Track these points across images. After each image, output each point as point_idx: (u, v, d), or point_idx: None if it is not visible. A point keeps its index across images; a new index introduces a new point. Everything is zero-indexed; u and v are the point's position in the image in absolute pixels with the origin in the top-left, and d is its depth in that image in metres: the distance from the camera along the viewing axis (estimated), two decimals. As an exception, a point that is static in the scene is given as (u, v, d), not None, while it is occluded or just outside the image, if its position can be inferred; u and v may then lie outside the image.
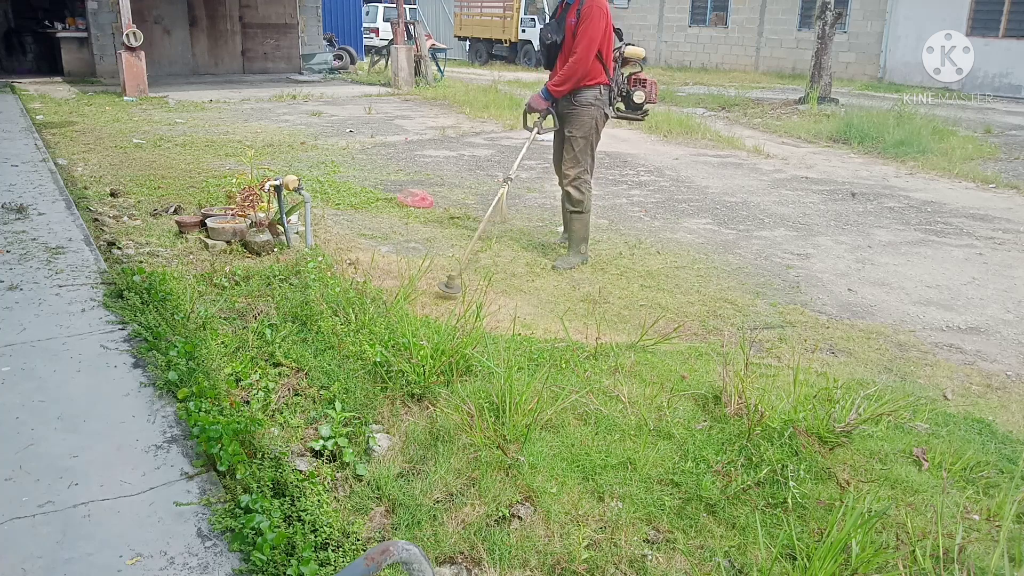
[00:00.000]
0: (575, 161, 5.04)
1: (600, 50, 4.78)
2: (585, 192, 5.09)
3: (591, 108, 4.90)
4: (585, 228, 5.18)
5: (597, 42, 4.73)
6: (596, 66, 4.83)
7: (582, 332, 3.77)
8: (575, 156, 5.02)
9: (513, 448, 2.69)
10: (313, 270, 4.37)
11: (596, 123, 4.96)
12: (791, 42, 21.46)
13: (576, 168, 5.04)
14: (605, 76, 4.89)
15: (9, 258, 4.65)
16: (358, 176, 7.76)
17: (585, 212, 5.13)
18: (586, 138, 4.98)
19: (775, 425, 2.83)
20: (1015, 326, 4.42)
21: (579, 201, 5.09)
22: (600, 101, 4.92)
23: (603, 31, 4.74)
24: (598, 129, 5.00)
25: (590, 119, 4.93)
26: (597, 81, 4.86)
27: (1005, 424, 3.24)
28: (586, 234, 5.21)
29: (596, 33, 4.71)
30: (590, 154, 5.06)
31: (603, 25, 4.73)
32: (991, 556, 2.26)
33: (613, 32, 4.90)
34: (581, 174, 5.05)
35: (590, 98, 4.89)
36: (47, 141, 8.84)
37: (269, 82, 16.93)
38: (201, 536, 2.29)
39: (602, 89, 4.91)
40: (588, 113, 4.92)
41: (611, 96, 4.98)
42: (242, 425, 2.69)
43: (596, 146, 5.09)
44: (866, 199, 7.57)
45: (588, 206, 5.14)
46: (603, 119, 5.00)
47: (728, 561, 2.30)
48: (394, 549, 1.52)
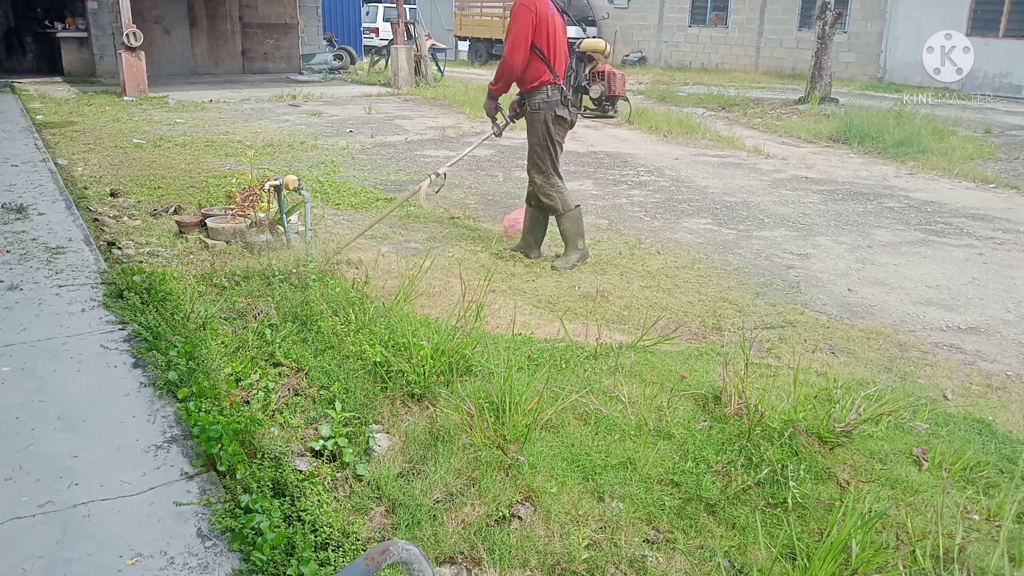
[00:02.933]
0: (536, 168, 4.98)
1: (541, 48, 4.69)
2: (554, 196, 4.99)
3: (540, 113, 4.83)
4: (575, 225, 5.08)
5: (522, 41, 4.64)
6: (537, 66, 4.74)
7: (582, 332, 3.77)
8: (535, 163, 4.97)
9: (513, 448, 2.69)
10: (313, 270, 4.37)
11: (548, 126, 4.85)
12: (791, 42, 21.45)
13: (539, 176, 4.98)
14: (550, 75, 4.77)
15: (9, 258, 4.65)
16: (358, 176, 7.76)
17: (566, 211, 5.04)
18: (541, 144, 4.90)
19: (775, 425, 2.83)
20: (1015, 326, 4.42)
21: (551, 207, 5.03)
22: (548, 104, 4.80)
23: (528, 29, 4.64)
24: (551, 132, 4.87)
25: (540, 124, 4.85)
26: (542, 81, 4.78)
27: (1005, 424, 3.24)
28: (578, 230, 5.11)
29: (519, 32, 4.64)
30: (549, 158, 4.94)
31: (528, 23, 4.63)
32: (991, 556, 2.26)
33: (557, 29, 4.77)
34: (544, 182, 4.97)
35: (538, 101, 4.81)
36: (47, 141, 8.84)
37: (269, 82, 16.93)
38: (201, 536, 2.29)
39: (549, 90, 4.79)
40: (538, 118, 4.85)
41: (563, 95, 4.82)
42: (242, 425, 2.69)
43: (557, 148, 4.96)
44: (866, 199, 7.57)
45: (567, 205, 5.04)
46: (555, 120, 4.85)
47: (728, 561, 2.30)
48: (394, 549, 1.52)
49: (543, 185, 5.00)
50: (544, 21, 4.69)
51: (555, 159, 4.97)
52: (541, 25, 4.68)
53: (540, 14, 4.67)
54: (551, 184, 4.99)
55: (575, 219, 5.09)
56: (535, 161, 4.97)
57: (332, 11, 21.92)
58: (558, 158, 5.01)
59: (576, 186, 7.80)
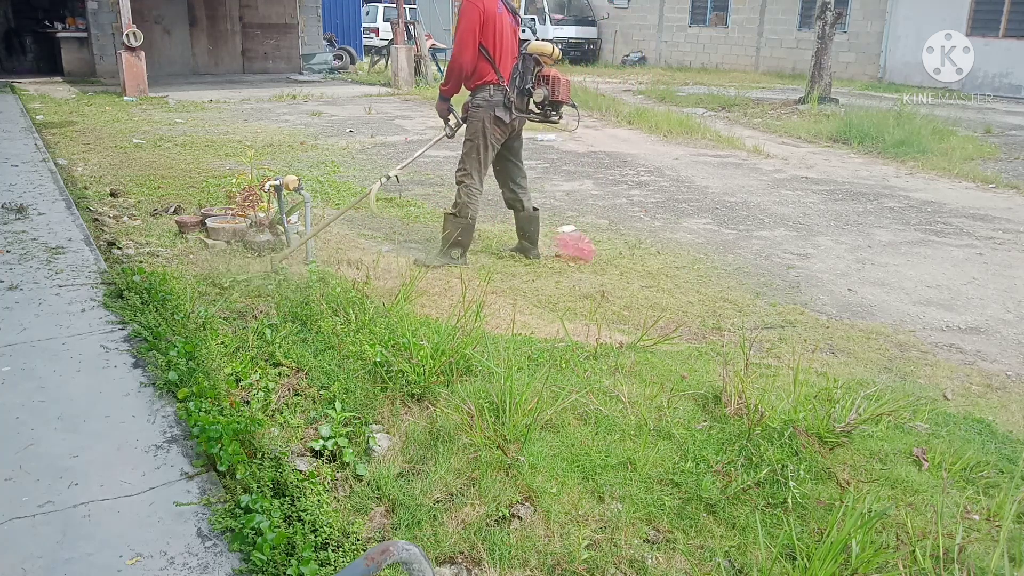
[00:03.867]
0: (461, 163, 4.89)
1: (487, 47, 4.61)
2: (463, 195, 4.87)
3: (479, 111, 4.73)
4: (461, 233, 4.90)
5: (469, 38, 4.57)
6: (482, 65, 4.65)
7: (582, 332, 3.77)
8: (462, 157, 4.88)
9: (513, 448, 2.69)
10: (314, 271, 4.38)
11: (484, 126, 4.73)
12: (791, 42, 21.45)
13: (461, 171, 4.89)
14: (494, 75, 4.67)
15: (9, 258, 4.65)
16: (358, 176, 7.76)
17: (462, 218, 4.88)
18: (472, 141, 4.79)
19: (775, 425, 2.83)
20: (1015, 326, 4.42)
21: (457, 204, 4.92)
22: (489, 103, 4.69)
23: (475, 27, 4.56)
24: (486, 133, 4.74)
25: (478, 121, 4.75)
26: (485, 81, 4.69)
27: (1005, 424, 3.24)
28: (458, 240, 4.91)
29: (466, 30, 4.56)
30: (477, 158, 4.82)
31: (474, 20, 4.55)
32: (991, 556, 2.26)
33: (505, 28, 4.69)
34: (464, 178, 4.86)
35: (479, 100, 4.72)
36: (47, 141, 8.84)
37: (269, 82, 16.93)
38: (201, 536, 2.29)
39: (492, 90, 4.69)
40: (476, 115, 4.75)
41: (506, 97, 4.69)
42: (242, 425, 2.69)
43: (488, 152, 4.82)
44: (866, 199, 7.57)
45: (466, 211, 4.88)
46: (494, 121, 4.72)
47: (728, 561, 2.30)
48: (394, 549, 1.52)
49: (459, 182, 4.88)
50: (491, 19, 4.60)
51: (482, 160, 4.84)
52: (488, 23, 4.59)
53: (487, 12, 4.58)
54: (468, 186, 4.86)
55: (462, 227, 4.90)
56: (464, 157, 4.86)
57: (332, 11, 21.93)
58: (486, 161, 4.86)
59: (576, 186, 7.80)
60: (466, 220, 4.91)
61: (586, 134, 11.35)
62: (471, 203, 4.90)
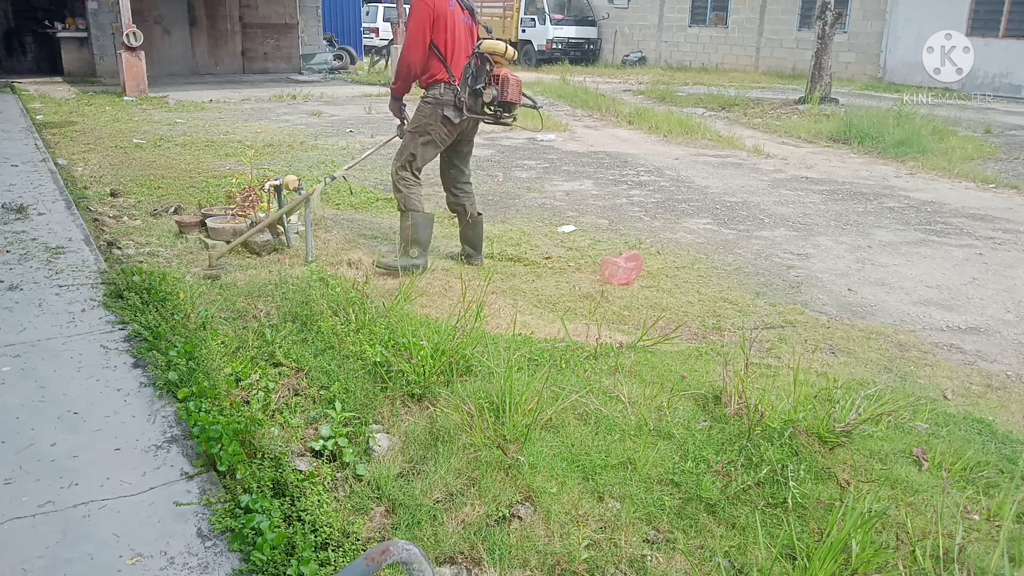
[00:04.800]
0: (397, 154, 4.78)
1: (438, 45, 4.52)
2: (402, 190, 4.72)
3: (427, 106, 4.61)
4: (415, 230, 4.71)
5: (419, 36, 4.48)
6: (434, 63, 4.57)
7: (582, 332, 3.77)
8: (400, 150, 4.77)
9: (513, 448, 2.69)
10: (314, 270, 4.38)
11: (429, 122, 4.61)
12: (791, 42, 21.45)
13: (396, 162, 4.76)
14: (445, 73, 4.56)
15: (9, 258, 4.65)
16: (358, 176, 7.76)
17: (408, 211, 4.72)
18: (412, 133, 4.68)
19: (775, 425, 2.83)
20: (1015, 326, 4.42)
21: (397, 201, 4.79)
22: (438, 101, 4.58)
23: (425, 25, 4.47)
24: (429, 130, 4.63)
25: (423, 116, 4.63)
26: (436, 79, 4.58)
27: (1005, 424, 3.24)
28: (416, 236, 4.72)
29: (416, 28, 4.47)
30: (413, 152, 4.69)
31: (425, 18, 4.45)
32: (991, 556, 2.26)
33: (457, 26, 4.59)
34: (399, 168, 4.73)
35: (429, 96, 4.61)
36: (47, 141, 8.84)
37: (269, 82, 16.93)
38: (201, 536, 2.29)
39: (443, 88, 4.57)
40: (423, 111, 4.64)
41: (457, 97, 4.55)
42: (242, 425, 2.69)
43: (428, 147, 4.69)
44: (866, 199, 7.57)
45: (411, 204, 4.72)
46: (441, 120, 4.59)
47: (728, 561, 2.30)
48: (394, 549, 1.52)
49: (393, 172, 4.77)
50: (443, 17, 4.50)
51: (418, 155, 4.70)
52: (439, 21, 4.50)
53: (438, 10, 4.48)
54: (400, 176, 4.73)
55: (416, 223, 4.72)
56: (401, 148, 4.77)
57: (332, 11, 21.92)
58: (423, 157, 4.72)
59: (576, 186, 7.80)
60: (418, 213, 4.73)
61: (586, 134, 11.35)
62: (411, 194, 4.73)
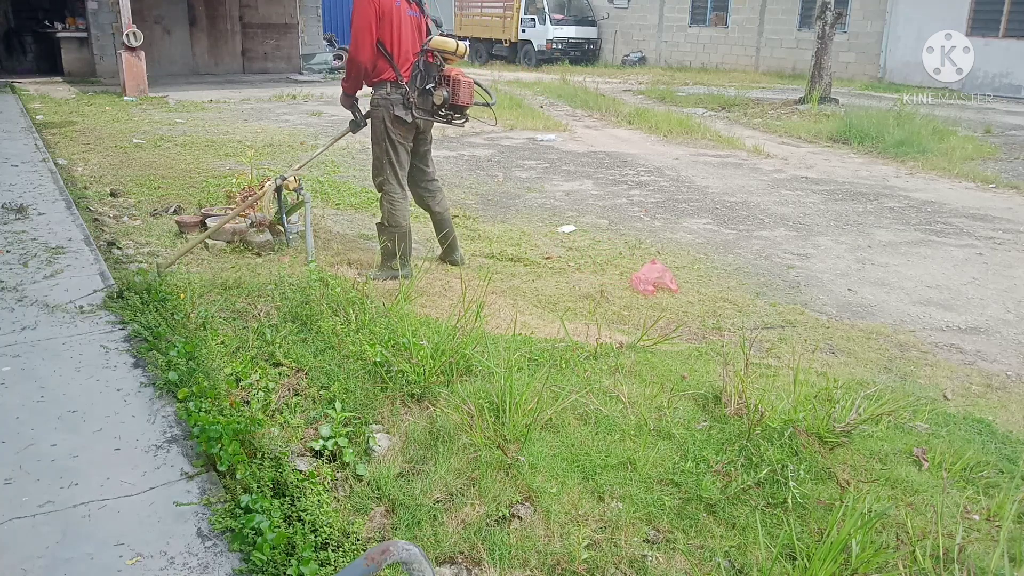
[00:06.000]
0: (374, 169, 4.66)
1: (384, 43, 4.37)
2: (390, 205, 4.61)
3: (378, 110, 4.49)
4: (394, 244, 4.62)
5: (364, 35, 4.32)
6: (380, 63, 4.41)
7: (582, 332, 3.77)
8: (373, 163, 4.66)
9: (513, 448, 2.69)
10: (314, 270, 4.38)
11: (386, 126, 4.48)
12: (791, 42, 21.45)
13: (377, 177, 4.66)
14: (392, 72, 4.41)
15: (9, 258, 4.65)
16: (358, 176, 7.76)
17: (393, 227, 4.62)
18: (379, 145, 4.54)
19: (775, 425, 2.83)
20: (1015, 326, 4.42)
21: (383, 213, 4.66)
22: (387, 101, 4.44)
23: (370, 23, 4.32)
24: (389, 132, 4.49)
25: (379, 122, 4.51)
26: (382, 78, 4.44)
27: (1005, 424, 3.24)
28: (396, 250, 4.62)
29: (361, 26, 4.32)
30: (389, 161, 4.56)
31: (369, 16, 4.30)
32: (991, 556, 2.26)
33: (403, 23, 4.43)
34: (382, 184, 4.61)
35: (377, 99, 4.48)
36: (47, 141, 8.84)
37: (269, 82, 16.93)
38: (201, 536, 2.29)
39: (389, 88, 4.43)
40: (376, 115, 4.51)
41: (405, 96, 4.42)
42: (242, 425, 2.69)
43: (398, 152, 4.56)
44: (866, 199, 7.57)
45: (395, 219, 4.61)
46: (395, 121, 4.47)
47: (728, 561, 2.30)
48: (394, 549, 1.52)
49: (380, 187, 4.66)
50: (388, 14, 4.34)
51: (395, 162, 4.58)
52: (384, 18, 4.35)
53: (383, 7, 4.32)
54: (385, 191, 4.62)
55: (396, 236, 4.64)
56: (375, 163, 4.66)
57: (332, 11, 21.92)
58: (400, 162, 4.60)
59: (576, 186, 7.81)
60: (399, 228, 4.65)
61: (586, 134, 11.35)
62: (395, 210, 4.63)
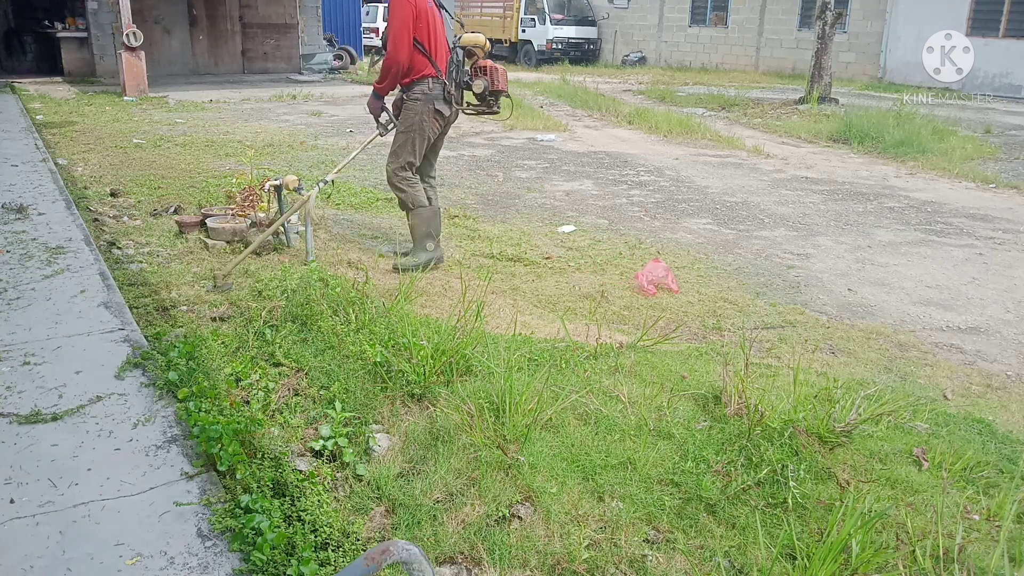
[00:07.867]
0: (394, 155, 4.82)
1: (422, 41, 4.58)
2: (405, 188, 4.82)
3: (416, 103, 4.68)
4: (425, 224, 4.88)
5: (404, 34, 4.52)
6: (418, 59, 4.61)
7: (582, 332, 3.77)
8: (395, 150, 4.81)
9: (513, 448, 2.69)
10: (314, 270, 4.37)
11: (422, 119, 4.70)
12: (791, 42, 21.45)
13: (394, 163, 4.81)
14: (432, 68, 4.64)
15: (9, 258, 4.65)
16: (358, 176, 7.76)
17: (416, 207, 4.85)
18: (407, 133, 4.74)
19: (775, 425, 2.83)
20: (1015, 326, 4.42)
21: (400, 200, 4.90)
22: (427, 96, 4.66)
23: (408, 23, 4.52)
24: (423, 126, 4.71)
25: (414, 114, 4.70)
26: (423, 74, 4.64)
27: (1005, 424, 3.24)
28: (427, 230, 4.89)
29: (400, 27, 4.51)
30: (411, 151, 4.77)
31: (407, 16, 4.51)
32: (991, 556, 2.26)
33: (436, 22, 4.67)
34: (398, 170, 4.79)
35: (417, 93, 4.67)
36: (47, 141, 8.84)
37: (269, 82, 16.92)
38: (201, 536, 2.29)
39: (431, 83, 4.65)
40: (413, 108, 4.70)
41: (445, 90, 4.68)
42: (242, 425, 2.69)
43: (423, 144, 4.79)
44: (866, 199, 7.57)
45: (417, 200, 4.84)
46: (433, 114, 4.70)
47: (728, 561, 2.30)
48: (394, 549, 1.52)
49: (392, 175, 4.83)
50: (423, 14, 4.57)
51: (416, 151, 4.79)
52: (421, 18, 4.57)
53: (419, 8, 4.55)
54: (402, 177, 4.81)
55: (425, 217, 4.88)
56: (395, 148, 4.81)
57: (332, 11, 21.90)
58: (420, 154, 4.82)
59: (576, 186, 7.80)
60: (425, 208, 4.86)
61: (586, 134, 11.36)
62: (416, 191, 4.84)
